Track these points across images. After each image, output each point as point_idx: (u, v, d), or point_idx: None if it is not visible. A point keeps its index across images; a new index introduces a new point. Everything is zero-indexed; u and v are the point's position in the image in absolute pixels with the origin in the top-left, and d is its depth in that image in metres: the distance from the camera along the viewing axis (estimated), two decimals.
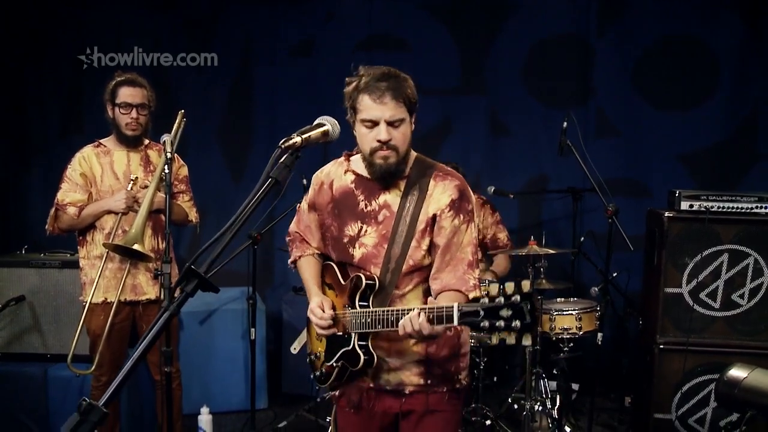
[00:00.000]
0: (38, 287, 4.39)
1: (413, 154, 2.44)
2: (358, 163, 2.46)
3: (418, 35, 5.61)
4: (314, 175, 2.59)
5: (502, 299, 1.91)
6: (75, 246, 3.91)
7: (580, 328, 4.35)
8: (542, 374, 4.45)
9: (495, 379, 4.90)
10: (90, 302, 3.71)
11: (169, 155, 3.44)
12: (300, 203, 2.70)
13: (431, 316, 2.08)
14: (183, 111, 3.79)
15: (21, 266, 4.42)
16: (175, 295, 1.64)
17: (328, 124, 1.91)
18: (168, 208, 3.43)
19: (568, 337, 4.35)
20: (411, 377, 2.43)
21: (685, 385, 4.07)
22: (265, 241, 5.09)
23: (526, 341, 1.91)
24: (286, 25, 5.72)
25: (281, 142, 1.75)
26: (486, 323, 1.93)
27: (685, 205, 4.03)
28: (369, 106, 2.25)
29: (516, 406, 4.51)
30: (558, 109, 5.32)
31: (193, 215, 4.01)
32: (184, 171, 3.99)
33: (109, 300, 3.72)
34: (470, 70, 5.62)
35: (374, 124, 2.27)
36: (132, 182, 3.74)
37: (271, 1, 5.67)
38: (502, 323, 1.90)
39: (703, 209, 4.00)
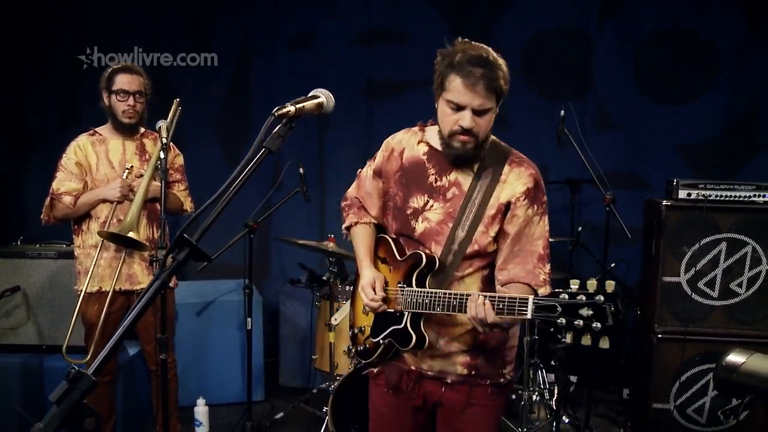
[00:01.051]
0: (34, 278, 4.37)
1: (489, 136, 2.36)
2: (433, 135, 2.39)
3: (417, 28, 5.60)
4: (385, 141, 2.52)
5: (583, 297, 1.82)
6: (71, 237, 3.89)
7: None
8: (540, 365, 4.43)
9: None
10: (85, 292, 3.69)
11: (164, 140, 3.43)
12: (361, 169, 2.61)
13: (501, 306, 2.01)
14: (178, 99, 3.76)
15: (17, 257, 4.40)
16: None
17: (323, 96, 1.87)
18: (163, 195, 3.42)
19: None
20: (456, 366, 2.35)
21: (684, 374, 4.05)
22: (262, 231, 5.07)
23: (604, 344, 1.82)
24: (285, 18, 5.71)
25: (275, 110, 1.73)
26: (563, 320, 1.84)
27: (683, 194, 4.02)
28: (458, 90, 2.16)
29: (514, 397, 4.49)
30: (557, 101, 5.28)
31: (188, 204, 3.99)
32: (180, 160, 3.98)
33: (104, 289, 3.70)
34: None
35: (460, 108, 2.18)
36: (127, 171, 3.73)
37: None
38: (581, 322, 1.81)
39: (701, 198, 3.98)
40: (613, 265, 4.44)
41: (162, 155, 3.41)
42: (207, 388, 4.70)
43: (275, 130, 1.72)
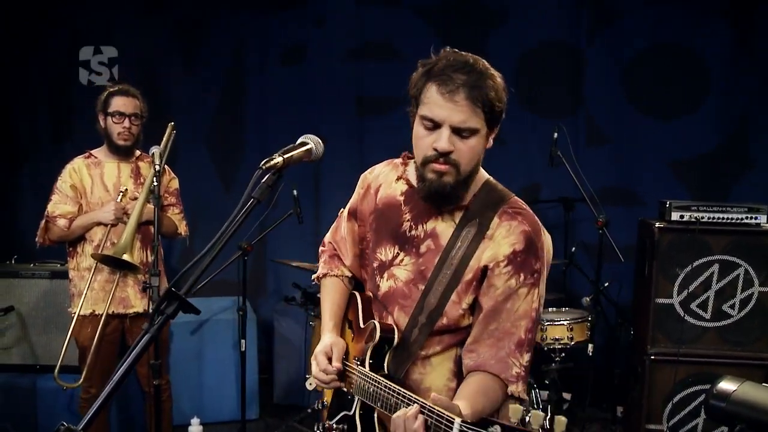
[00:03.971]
0: (28, 297, 4.38)
1: (482, 176, 1.92)
2: (414, 171, 1.92)
3: (409, 43, 5.60)
4: (362, 176, 2.11)
5: None
6: (65, 256, 3.90)
7: (571, 339, 4.34)
8: (534, 385, 4.44)
9: None
10: (78, 314, 3.70)
11: (158, 167, 3.45)
12: (343, 209, 2.21)
13: (429, 422, 1.55)
14: (173, 123, 3.78)
15: (10, 276, 4.41)
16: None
17: (312, 142, 1.85)
18: (156, 221, 3.44)
19: (559, 347, 4.34)
20: None
21: (677, 395, 4.07)
22: (258, 251, 5.08)
23: None
24: (277, 32, 5.71)
25: (262, 163, 1.71)
26: None
27: (675, 216, 4.03)
28: (434, 101, 1.73)
29: None
30: (549, 117, 5.31)
31: (182, 228, 4.00)
32: (175, 183, 3.99)
33: (97, 312, 3.71)
34: None
35: (436, 125, 1.74)
36: (122, 194, 3.73)
37: (263, 7, 5.66)
38: None
39: (693, 220, 4.00)
40: (606, 284, 4.45)
41: (155, 182, 3.42)
42: (201, 407, 4.71)
43: (263, 180, 1.72)
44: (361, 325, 1.95)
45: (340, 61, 5.68)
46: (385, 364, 1.84)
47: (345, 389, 1.93)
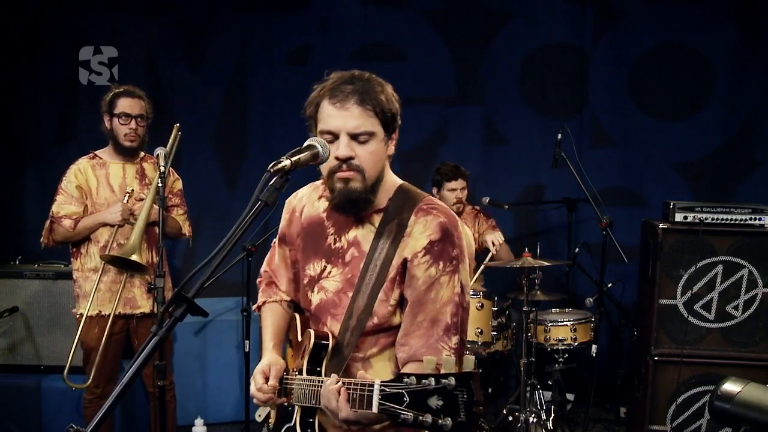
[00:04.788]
0: (32, 298, 4.39)
1: (395, 182, 1.99)
2: None
3: (413, 44, 5.61)
4: (287, 201, 2.17)
5: (431, 380, 1.38)
6: (69, 257, 3.91)
7: (575, 339, 4.35)
8: (537, 385, 4.44)
9: (489, 390, 4.89)
10: (85, 315, 3.70)
11: (162, 169, 3.45)
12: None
13: (354, 394, 1.58)
14: (178, 125, 3.79)
15: (15, 277, 4.43)
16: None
17: (319, 145, 1.86)
18: (161, 222, 3.45)
19: (563, 348, 4.36)
20: None
21: (680, 396, 4.07)
22: (261, 252, 5.07)
23: None
24: (281, 33, 5.71)
25: (270, 165, 1.72)
26: (409, 416, 1.39)
27: (679, 217, 4.03)
28: (329, 114, 1.84)
29: (511, 418, 4.49)
30: (553, 118, 5.32)
31: (186, 229, 4.01)
32: (179, 185, 4.00)
33: (103, 313, 3.72)
34: (466, 79, 5.62)
35: (334, 136, 1.84)
36: (128, 195, 3.75)
37: (267, 9, 5.66)
38: (428, 418, 1.37)
39: (697, 221, 4.00)
40: (609, 285, 4.45)
41: (160, 183, 3.43)
42: (205, 407, 4.72)
43: (271, 183, 1.73)
44: (299, 340, 2.01)
45: (344, 63, 5.64)
46: (323, 369, 1.89)
47: (285, 403, 1.97)
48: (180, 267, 5.40)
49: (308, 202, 2.10)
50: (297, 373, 1.93)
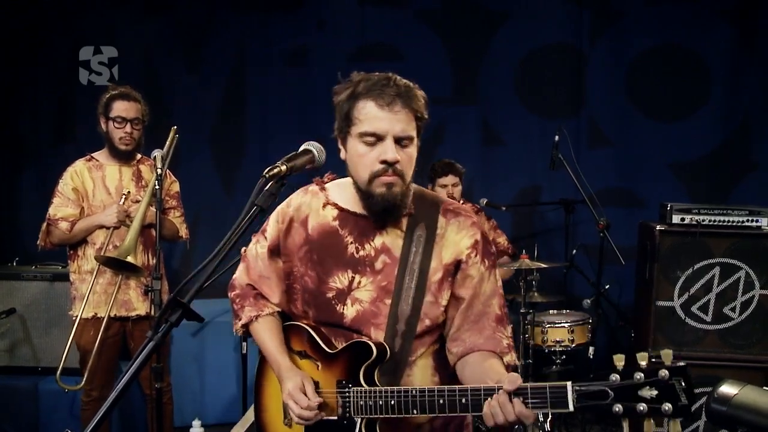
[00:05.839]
0: (29, 300, 4.40)
1: (411, 185, 1.96)
2: (337, 194, 1.99)
3: (410, 44, 5.61)
4: (277, 210, 2.05)
5: (641, 375, 1.50)
6: (66, 259, 3.91)
7: (572, 341, 4.35)
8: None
9: None
10: (80, 317, 3.70)
11: (159, 171, 3.45)
12: (245, 247, 2.14)
13: (535, 400, 1.59)
14: (176, 127, 3.79)
15: (12, 279, 4.43)
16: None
17: (314, 150, 1.86)
18: (158, 224, 3.44)
19: (560, 349, 4.36)
20: None
21: None
22: None
23: (675, 429, 1.51)
24: (279, 34, 5.71)
25: (266, 171, 1.71)
26: (619, 407, 1.51)
27: (676, 219, 4.03)
28: (374, 115, 1.79)
29: None
30: (550, 118, 5.32)
31: (183, 231, 4.00)
32: (176, 187, 3.99)
33: (99, 315, 3.71)
34: (463, 80, 5.62)
35: (378, 139, 1.80)
36: (124, 197, 3.74)
37: (264, 9, 5.66)
38: (644, 407, 1.49)
39: (694, 223, 3.99)
40: (607, 287, 4.45)
41: (157, 186, 3.43)
42: (202, 409, 4.72)
43: (267, 188, 1.73)
44: (328, 350, 1.92)
45: (342, 63, 5.67)
46: (376, 379, 1.85)
47: (335, 417, 1.86)
48: (177, 270, 5.39)
49: (311, 211, 2.00)
50: (350, 384, 1.84)
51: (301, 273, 1.99)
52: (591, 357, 4.31)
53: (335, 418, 1.86)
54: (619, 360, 1.55)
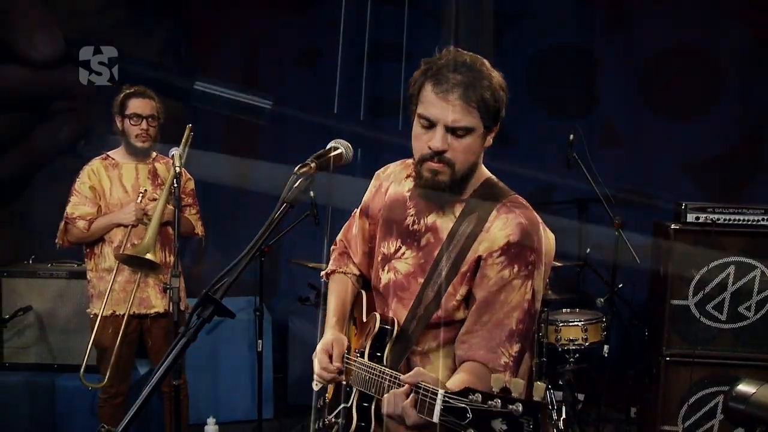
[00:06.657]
0: (46, 297, 4.40)
1: (483, 174, 1.93)
2: None
3: (422, 45, 5.61)
4: (376, 173, 2.14)
5: (498, 402, 1.38)
6: (82, 256, 3.93)
7: (586, 339, 4.35)
8: (548, 385, 4.45)
9: None
10: (100, 316, 3.72)
11: (177, 169, 3.47)
12: (357, 208, 2.21)
13: (417, 399, 1.55)
14: (190, 125, 3.81)
15: (28, 276, 4.44)
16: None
17: (342, 147, 1.89)
18: (177, 222, 3.46)
19: (574, 348, 4.36)
20: None
21: (692, 397, 4.07)
22: (273, 252, 5.08)
23: None
24: (290, 34, 5.72)
25: (296, 168, 1.75)
26: None
27: (691, 218, 4.04)
28: (430, 100, 1.76)
29: None
30: (563, 118, 5.32)
31: (199, 228, 4.03)
32: (191, 184, 4.01)
33: (117, 313, 3.73)
34: None
35: (431, 124, 1.77)
36: (141, 195, 3.76)
37: (276, 10, 5.67)
38: None
39: (709, 221, 4.00)
40: (620, 285, 4.45)
41: (176, 184, 3.45)
42: (217, 406, 4.73)
43: (296, 185, 1.75)
44: (364, 320, 1.99)
45: (352, 63, 5.69)
46: (385, 356, 1.86)
47: (344, 382, 1.95)
48: (190, 266, 5.41)
49: (396, 179, 2.04)
50: (358, 355, 1.89)
51: (375, 235, 2.04)
52: (605, 355, 4.30)
53: (345, 383, 1.94)
54: (497, 382, 1.44)
